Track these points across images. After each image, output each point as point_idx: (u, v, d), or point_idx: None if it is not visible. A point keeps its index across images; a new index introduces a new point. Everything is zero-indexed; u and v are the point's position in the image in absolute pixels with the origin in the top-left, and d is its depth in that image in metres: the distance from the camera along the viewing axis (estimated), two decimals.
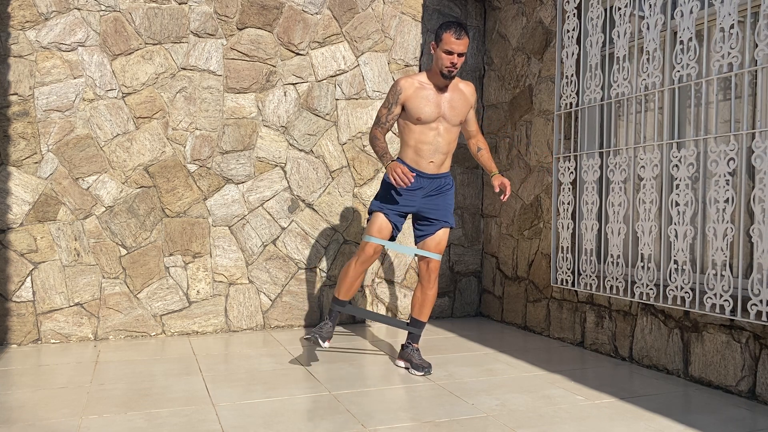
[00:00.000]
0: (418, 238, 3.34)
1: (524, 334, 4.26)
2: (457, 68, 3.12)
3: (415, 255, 3.71)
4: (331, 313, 3.37)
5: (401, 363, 3.36)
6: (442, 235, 3.31)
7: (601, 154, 3.74)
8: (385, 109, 3.23)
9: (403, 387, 2.99)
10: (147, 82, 4.05)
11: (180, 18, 4.10)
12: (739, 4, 2.86)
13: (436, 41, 3.13)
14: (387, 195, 3.25)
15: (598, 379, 3.13)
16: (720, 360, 2.93)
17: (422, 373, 3.19)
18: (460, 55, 3.09)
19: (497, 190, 3.25)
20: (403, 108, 3.22)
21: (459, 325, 4.54)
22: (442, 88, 3.20)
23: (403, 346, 3.39)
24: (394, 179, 2.98)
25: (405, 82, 3.20)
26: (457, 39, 3.06)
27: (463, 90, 3.28)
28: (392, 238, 3.31)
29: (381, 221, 3.22)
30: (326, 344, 3.26)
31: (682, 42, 3.10)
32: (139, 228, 4.04)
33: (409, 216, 3.99)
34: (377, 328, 4.42)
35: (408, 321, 3.45)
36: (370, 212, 3.29)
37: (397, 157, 3.30)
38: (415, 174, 3.08)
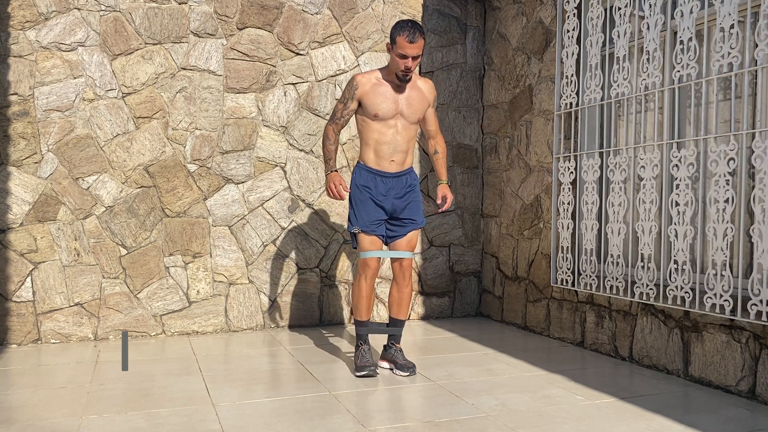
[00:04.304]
0: (390, 239, 3.32)
1: (524, 334, 4.25)
2: (411, 71, 3.09)
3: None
4: (361, 338, 3.28)
5: (385, 364, 3.33)
6: (413, 235, 3.31)
7: (601, 154, 3.74)
8: (341, 104, 3.22)
9: (403, 387, 2.99)
10: (147, 82, 4.05)
11: (180, 18, 4.10)
12: (739, 4, 2.86)
13: (391, 43, 3.07)
14: (361, 211, 3.21)
15: (598, 379, 3.13)
16: (720, 360, 2.93)
17: (407, 374, 3.18)
18: (414, 58, 3.05)
19: (439, 201, 3.29)
20: (361, 104, 3.19)
21: (459, 325, 4.54)
22: (399, 86, 3.17)
23: (385, 347, 3.36)
24: (330, 191, 3.17)
25: (362, 77, 3.18)
26: (410, 43, 3.00)
27: (422, 87, 3.25)
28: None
29: (369, 238, 3.20)
30: (376, 369, 3.21)
31: (682, 42, 3.10)
32: (139, 228, 4.04)
33: None
34: None
35: (387, 323, 3.42)
36: (352, 233, 3.24)
37: (359, 161, 3.27)
38: (350, 191, 3.23)
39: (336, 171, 3.21)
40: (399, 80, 3.13)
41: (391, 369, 3.28)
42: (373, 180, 3.21)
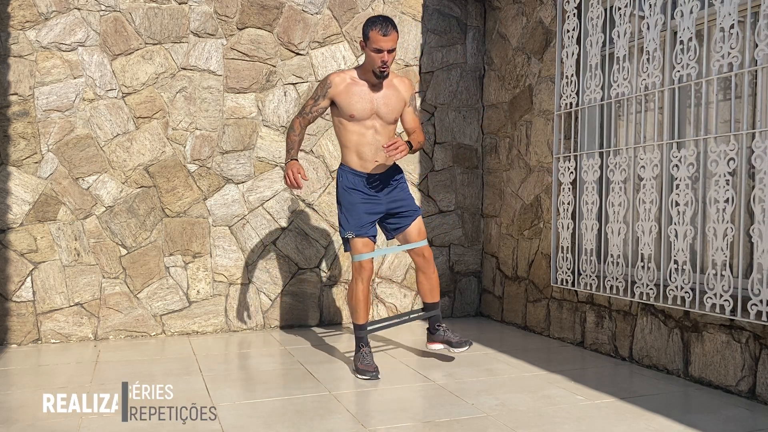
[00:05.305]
0: (396, 231, 3.31)
1: (524, 334, 4.25)
2: (389, 66, 3.06)
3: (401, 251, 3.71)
4: (361, 340, 3.24)
5: (438, 345, 3.40)
6: (419, 223, 3.31)
7: (601, 154, 3.74)
8: (312, 100, 3.19)
9: (403, 387, 2.99)
10: (147, 82, 4.05)
11: (180, 18, 4.10)
12: (739, 4, 2.86)
13: (365, 40, 3.06)
14: (351, 214, 3.18)
15: (598, 379, 3.13)
16: (720, 360, 2.93)
17: (465, 348, 3.28)
18: (390, 51, 3.02)
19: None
20: (335, 104, 3.16)
21: (459, 325, 4.54)
22: (375, 84, 3.15)
23: (431, 330, 3.42)
24: (288, 178, 3.05)
25: (336, 77, 3.15)
26: (384, 36, 2.99)
27: (397, 86, 3.23)
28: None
29: (363, 240, 3.19)
30: (378, 373, 3.13)
31: (682, 42, 3.10)
32: (139, 228, 4.04)
33: None
34: None
35: (422, 309, 3.50)
36: (345, 238, 3.20)
37: (342, 164, 3.26)
38: (309, 179, 3.19)
39: (296, 159, 3.14)
40: (376, 77, 3.10)
41: (447, 348, 3.34)
42: (362, 182, 3.20)
